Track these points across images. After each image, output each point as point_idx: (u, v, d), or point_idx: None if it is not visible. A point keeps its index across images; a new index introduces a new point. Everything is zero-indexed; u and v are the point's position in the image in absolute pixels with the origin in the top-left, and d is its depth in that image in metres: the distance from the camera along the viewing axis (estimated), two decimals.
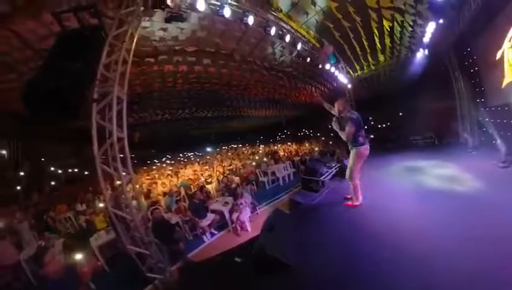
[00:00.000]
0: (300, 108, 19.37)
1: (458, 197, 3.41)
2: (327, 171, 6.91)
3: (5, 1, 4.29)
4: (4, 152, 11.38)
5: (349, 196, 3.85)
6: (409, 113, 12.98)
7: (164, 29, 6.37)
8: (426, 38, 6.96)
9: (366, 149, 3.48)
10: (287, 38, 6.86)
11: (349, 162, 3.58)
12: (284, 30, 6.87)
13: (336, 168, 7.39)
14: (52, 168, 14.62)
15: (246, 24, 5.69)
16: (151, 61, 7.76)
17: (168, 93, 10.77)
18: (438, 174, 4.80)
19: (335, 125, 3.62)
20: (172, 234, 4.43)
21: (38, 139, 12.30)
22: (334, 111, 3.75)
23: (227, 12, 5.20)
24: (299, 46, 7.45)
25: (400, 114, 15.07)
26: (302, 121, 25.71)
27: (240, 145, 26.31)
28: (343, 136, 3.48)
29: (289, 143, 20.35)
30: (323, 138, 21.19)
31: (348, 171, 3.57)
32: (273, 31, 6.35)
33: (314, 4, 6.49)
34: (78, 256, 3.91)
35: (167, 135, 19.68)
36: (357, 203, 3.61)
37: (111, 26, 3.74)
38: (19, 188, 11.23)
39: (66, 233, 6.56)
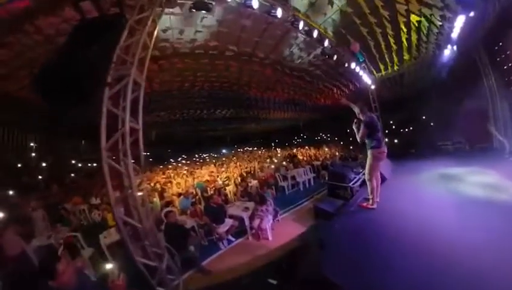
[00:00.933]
0: (318, 111, 18.70)
1: (502, 207, 3.15)
2: (355, 177, 6.25)
3: None
4: (32, 144, 11.99)
5: (366, 197, 3.87)
6: (435, 115, 11.91)
7: (182, 31, 6.34)
8: (454, 34, 6.35)
9: (381, 152, 3.52)
10: (315, 33, 6.40)
11: (367, 163, 3.63)
12: (312, 26, 6.46)
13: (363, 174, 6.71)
14: (74, 161, 15.15)
15: (274, 16, 5.39)
16: (171, 59, 7.67)
17: (187, 91, 10.70)
18: (477, 182, 4.36)
19: (355, 127, 3.65)
20: (186, 239, 4.05)
21: (65, 134, 12.83)
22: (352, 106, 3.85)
23: (255, 3, 4.95)
24: (326, 43, 6.95)
25: (425, 117, 13.93)
26: (320, 124, 24.92)
27: (256, 148, 25.91)
28: (357, 137, 3.58)
29: (306, 147, 19.57)
30: (341, 142, 20.25)
31: (366, 172, 3.64)
32: (301, 25, 5.96)
33: (332, 4, 6.27)
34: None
35: (184, 134, 19.80)
36: (373, 206, 3.62)
37: (132, 13, 3.54)
38: (40, 178, 11.62)
39: (78, 226, 6.44)
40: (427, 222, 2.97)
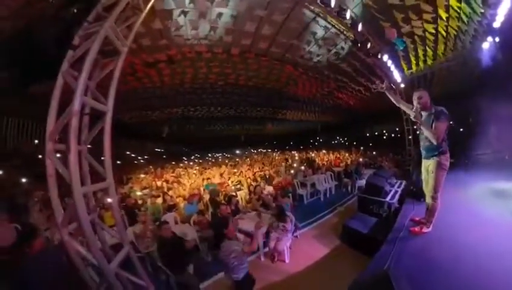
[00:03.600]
0: (339, 113, 17.45)
1: None
2: (391, 190, 5.17)
3: None
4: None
5: (417, 219, 3.07)
6: (473, 120, 10.24)
7: (196, 27, 5.85)
8: (497, 23, 5.15)
9: (448, 159, 2.60)
10: (348, 14, 5.43)
11: (431, 176, 2.66)
12: (344, 6, 5.50)
13: (400, 186, 5.58)
14: None
15: None
16: (185, 53, 7.09)
17: (201, 87, 10.13)
18: None
19: (420, 121, 2.56)
20: (183, 257, 3.28)
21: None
22: (405, 105, 2.94)
23: None
24: (359, 27, 5.93)
25: (459, 123, 12.19)
26: (338, 127, 23.58)
27: (270, 150, 24.99)
28: (430, 135, 2.50)
29: (324, 151, 18.32)
30: (361, 148, 18.81)
31: (430, 188, 2.69)
32: (333, 2, 5.03)
33: None
34: None
35: (197, 132, 19.48)
36: (427, 230, 2.79)
37: None
38: None
39: None
40: (495, 249, 2.30)
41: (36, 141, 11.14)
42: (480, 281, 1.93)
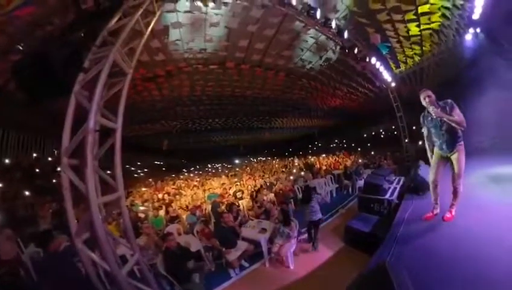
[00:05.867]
0: (334, 116, 17.72)
1: None
2: (390, 187, 5.24)
3: None
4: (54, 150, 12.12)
5: (430, 215, 3.10)
6: (465, 111, 10.38)
7: (191, 41, 6.11)
8: (476, 15, 5.45)
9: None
10: (333, 24, 5.71)
11: (459, 166, 2.77)
12: (329, 16, 5.80)
13: (399, 183, 5.66)
14: None
15: (289, 4, 4.79)
16: (181, 67, 7.36)
17: (198, 99, 10.35)
18: None
19: (444, 115, 2.61)
20: (188, 266, 3.30)
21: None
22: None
23: None
24: (345, 35, 6.22)
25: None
26: (335, 131, 23.80)
27: (270, 158, 25.07)
28: (458, 122, 2.61)
29: (323, 155, 18.43)
30: (359, 149, 18.91)
31: (457, 175, 2.78)
32: (318, 14, 5.31)
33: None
34: None
35: (196, 144, 19.61)
36: (437, 211, 3.03)
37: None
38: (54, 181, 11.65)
39: None
40: (494, 233, 2.38)
41: (35, 155, 11.19)
42: (480, 266, 1.96)
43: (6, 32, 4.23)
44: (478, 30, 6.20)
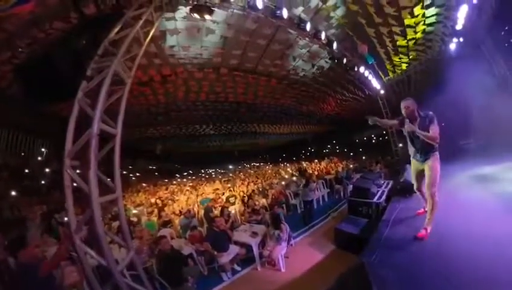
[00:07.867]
0: (326, 122, 18.12)
1: None
2: (379, 191, 5.43)
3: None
4: (43, 150, 11.81)
5: (421, 211, 3.26)
6: (452, 114, 10.88)
7: (188, 47, 6.30)
8: (459, 25, 5.96)
9: None
10: (323, 35, 6.00)
11: (431, 173, 2.72)
12: (320, 28, 6.09)
13: (387, 187, 5.87)
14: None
15: (280, 17, 5.03)
16: (177, 72, 7.49)
17: (193, 104, 10.43)
18: None
19: (415, 129, 2.66)
20: (181, 269, 3.33)
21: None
22: (381, 121, 3.07)
23: (259, 3, 4.69)
24: (334, 46, 6.53)
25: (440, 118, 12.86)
26: (327, 136, 24.25)
27: (263, 164, 25.19)
28: (430, 138, 2.61)
29: (316, 160, 18.70)
30: (351, 154, 19.28)
31: (430, 184, 2.71)
32: (308, 26, 5.59)
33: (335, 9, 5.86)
34: None
35: (190, 149, 19.55)
36: (430, 229, 2.72)
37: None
38: (43, 182, 11.28)
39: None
40: (475, 230, 2.52)
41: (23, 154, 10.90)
42: (464, 263, 2.06)
43: (5, 29, 4.25)
44: (461, 39, 6.66)
